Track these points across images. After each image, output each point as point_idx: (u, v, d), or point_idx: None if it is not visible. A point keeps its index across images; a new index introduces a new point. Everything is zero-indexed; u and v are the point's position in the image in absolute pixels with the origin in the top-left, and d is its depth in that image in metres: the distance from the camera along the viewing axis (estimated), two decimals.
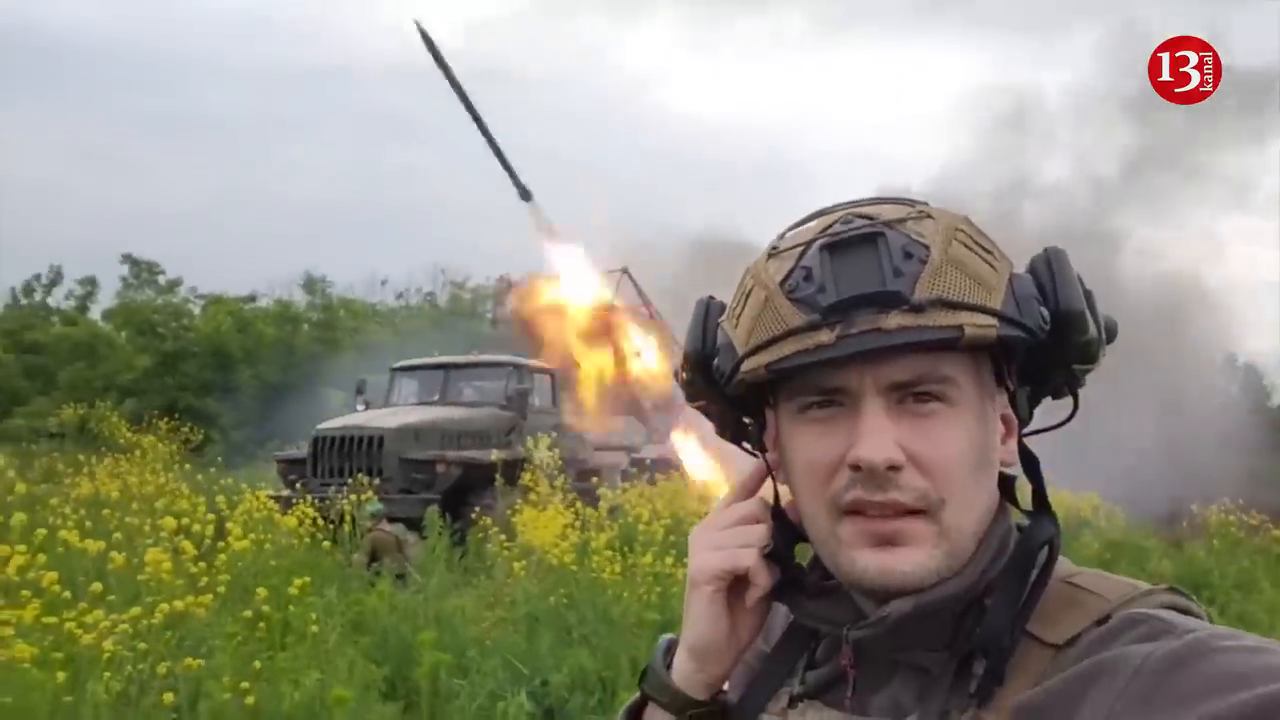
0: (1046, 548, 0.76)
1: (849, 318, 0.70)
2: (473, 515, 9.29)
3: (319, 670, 4.32)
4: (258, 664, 4.28)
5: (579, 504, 8.89)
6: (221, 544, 5.57)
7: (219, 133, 66.19)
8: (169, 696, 3.88)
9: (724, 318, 0.80)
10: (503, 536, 7.41)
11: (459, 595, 6.91)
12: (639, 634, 5.51)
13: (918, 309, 0.69)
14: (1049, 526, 0.76)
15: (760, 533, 0.82)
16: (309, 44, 79.41)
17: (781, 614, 0.89)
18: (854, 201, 0.79)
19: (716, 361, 0.80)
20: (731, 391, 0.80)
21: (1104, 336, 0.77)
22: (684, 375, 0.84)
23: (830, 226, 0.75)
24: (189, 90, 68.14)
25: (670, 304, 17.60)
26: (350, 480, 10.53)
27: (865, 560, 0.73)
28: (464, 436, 11.98)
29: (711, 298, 0.84)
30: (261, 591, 4.79)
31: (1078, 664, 0.66)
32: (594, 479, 11.12)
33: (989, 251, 0.74)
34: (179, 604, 3.99)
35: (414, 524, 9.77)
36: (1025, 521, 0.80)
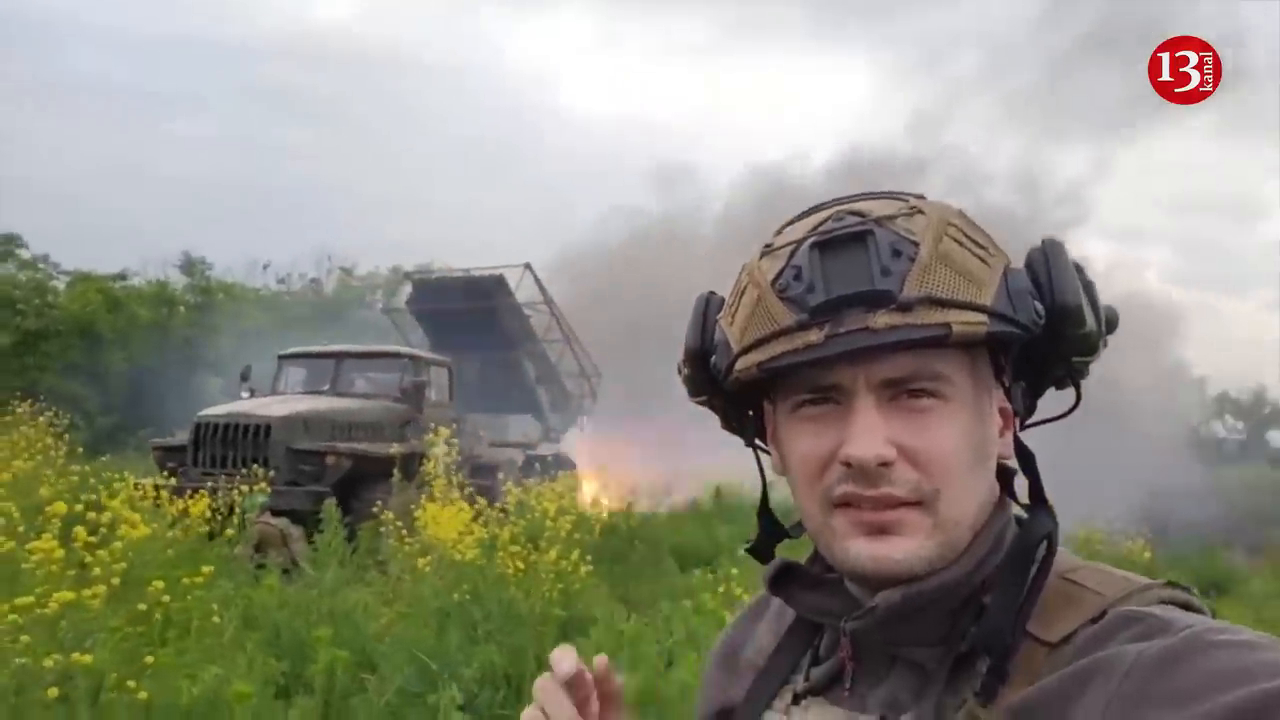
0: (1045, 543, 0.76)
1: (838, 317, 0.71)
2: (374, 509, 9.07)
3: (216, 665, 4.14)
4: (150, 659, 4.07)
5: (479, 500, 8.78)
6: (107, 533, 5.27)
7: (92, 101, 62.54)
8: (53, 691, 3.65)
9: (721, 315, 0.81)
10: (404, 531, 7.24)
11: (353, 591, 6.74)
12: (544, 631, 5.49)
13: (905, 307, 0.70)
14: (1047, 521, 0.76)
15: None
16: (197, 13, 75.81)
17: (789, 613, 0.90)
18: (847, 197, 0.80)
19: (714, 358, 0.81)
20: (729, 388, 0.81)
21: (1104, 328, 0.78)
22: (684, 371, 0.86)
23: (822, 224, 0.75)
24: (59, 54, 64.12)
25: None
26: (233, 470, 10.12)
27: (859, 549, 0.74)
28: (355, 428, 11.64)
29: (712, 293, 0.86)
30: (159, 584, 4.56)
31: (1072, 663, 0.66)
32: (497, 475, 10.99)
33: (982, 246, 0.74)
34: (70, 595, 3.75)
35: (299, 517, 9.47)
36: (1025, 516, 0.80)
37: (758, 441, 0.88)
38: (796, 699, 0.84)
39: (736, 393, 0.82)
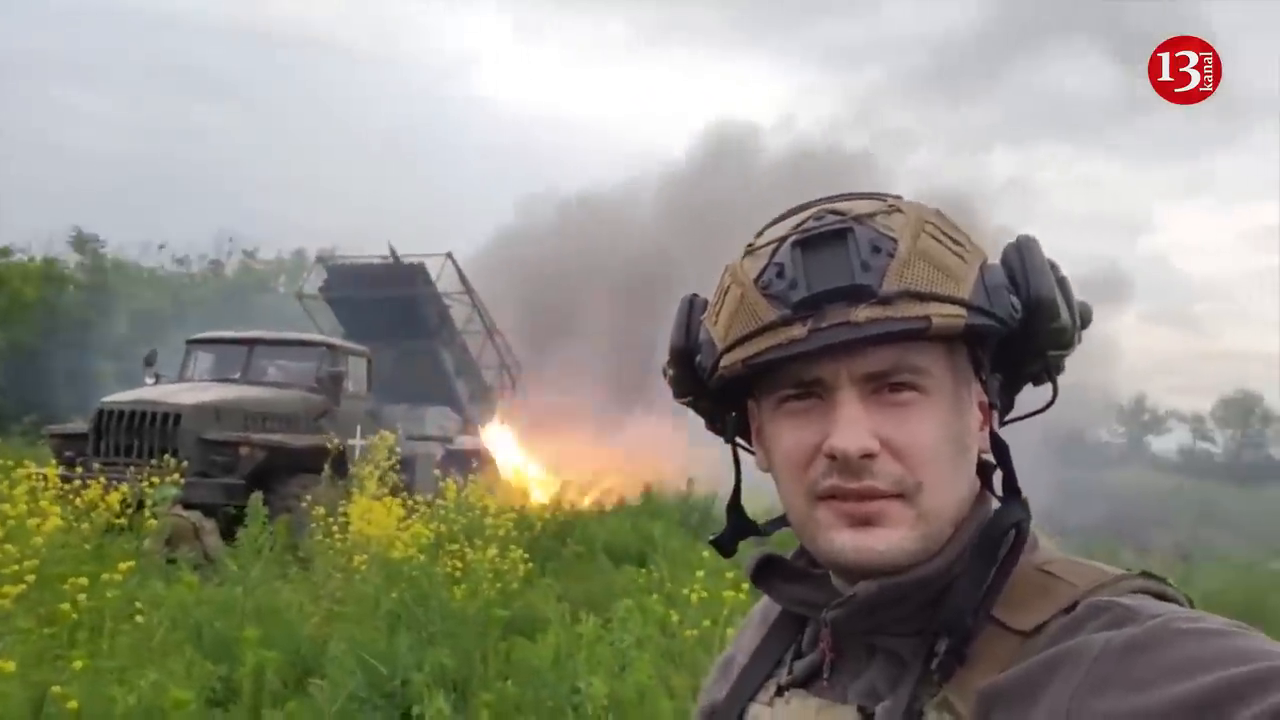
0: (1014, 532, 0.77)
1: (820, 312, 0.73)
2: (289, 503, 8.71)
3: (149, 670, 3.87)
4: (79, 663, 3.79)
5: (406, 496, 8.54)
6: (14, 527, 4.89)
7: None
8: None
9: (705, 315, 0.83)
10: (335, 527, 6.98)
11: (279, 589, 6.46)
12: (488, 631, 5.35)
13: (886, 301, 0.72)
14: (1017, 511, 0.78)
15: None
16: None
17: (774, 613, 0.92)
18: (828, 198, 0.81)
19: (699, 358, 0.83)
20: (714, 386, 0.82)
21: (1078, 322, 0.81)
22: (669, 372, 0.87)
23: (803, 223, 0.77)
24: None
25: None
26: (138, 460, 9.61)
27: (842, 540, 0.75)
28: (269, 419, 11.21)
29: (695, 295, 0.87)
30: (82, 580, 4.25)
31: (1042, 652, 0.68)
32: (414, 468, 10.68)
33: (958, 243, 0.76)
34: None
35: (210, 510, 9.06)
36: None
37: (740, 440, 0.89)
38: (780, 691, 0.85)
39: (721, 391, 0.83)
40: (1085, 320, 0.82)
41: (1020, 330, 0.77)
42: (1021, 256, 0.77)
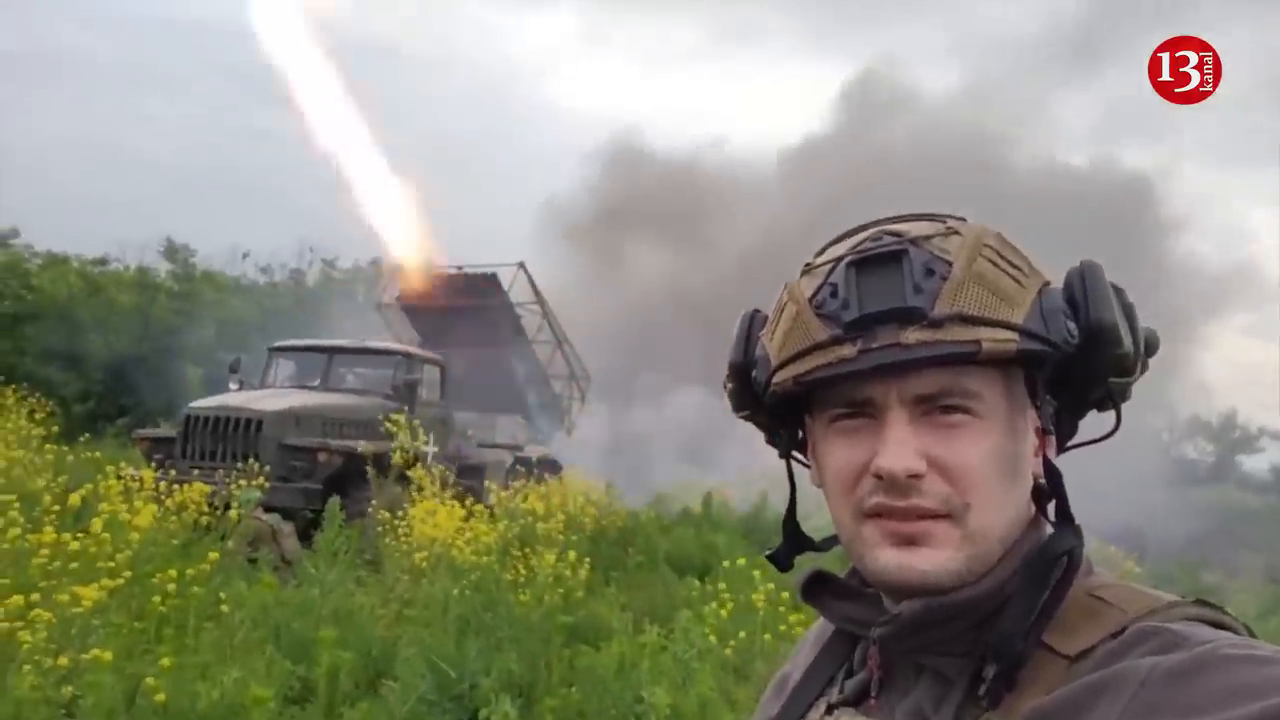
0: (1066, 558, 0.76)
1: (871, 333, 0.74)
2: (364, 508, 8.95)
3: (233, 667, 4.06)
4: (166, 660, 3.98)
5: (469, 501, 8.71)
6: (108, 526, 5.16)
7: (68, 76, 61.41)
8: (67, 690, 3.57)
9: (763, 331, 0.84)
10: (405, 532, 7.17)
11: (352, 591, 6.65)
12: (552, 638, 5.44)
13: (936, 324, 0.72)
14: (1070, 537, 0.77)
15: None
16: None
17: (828, 633, 0.92)
18: (888, 218, 0.82)
19: (755, 372, 0.84)
20: (768, 402, 0.84)
21: (1142, 349, 0.79)
22: (728, 386, 0.89)
23: (860, 244, 0.79)
24: (34, 25, 62.89)
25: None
26: (222, 464, 9.97)
27: (886, 558, 0.76)
28: (346, 425, 11.53)
29: (756, 310, 0.89)
30: (172, 573, 4.46)
31: (1088, 675, 0.67)
32: (484, 475, 10.85)
33: (1016, 267, 0.76)
34: (92, 590, 3.65)
35: (288, 514, 9.34)
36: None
37: (796, 454, 0.90)
38: (830, 710, 0.85)
39: (776, 407, 0.85)
40: (1152, 348, 0.81)
41: (1080, 356, 0.76)
42: (1084, 281, 0.77)
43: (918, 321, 0.73)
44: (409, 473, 9.60)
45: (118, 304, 24.02)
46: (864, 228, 0.82)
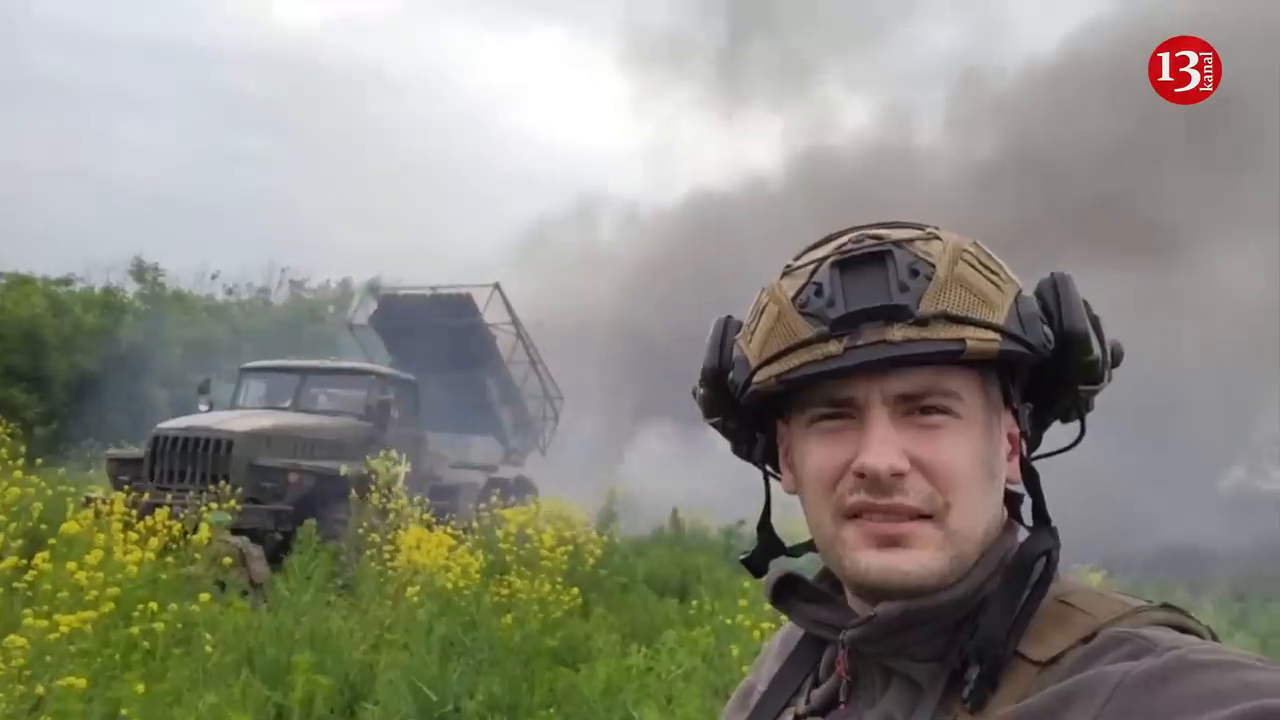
0: (1044, 560, 0.77)
1: (856, 330, 0.74)
2: (335, 529, 8.82)
3: (209, 693, 3.96)
4: (140, 687, 3.88)
5: (451, 524, 8.62)
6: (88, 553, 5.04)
7: (36, 97, 60.75)
8: (44, 719, 3.47)
9: (739, 335, 0.84)
10: (387, 555, 7.07)
11: (326, 614, 6.54)
12: (537, 660, 5.38)
13: (922, 322, 0.73)
14: (1047, 539, 0.78)
15: None
16: (152, 14, 74.09)
17: (794, 641, 0.91)
18: (867, 224, 0.82)
19: (731, 375, 0.83)
20: (745, 404, 0.83)
21: (1109, 359, 0.81)
22: (700, 391, 0.88)
23: (842, 245, 0.79)
24: (2, 50, 62.23)
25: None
26: (191, 485, 9.80)
27: (868, 560, 0.75)
28: (318, 446, 11.38)
29: (729, 316, 0.88)
30: (154, 605, 4.36)
31: (1059, 683, 0.67)
32: (458, 497, 10.74)
33: (994, 272, 0.77)
34: (84, 616, 3.56)
35: (257, 536, 9.18)
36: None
37: (766, 467, 0.90)
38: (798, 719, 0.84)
39: (751, 411, 0.85)
40: (1117, 358, 0.82)
41: (1053, 361, 0.77)
42: (1057, 290, 0.79)
43: (904, 319, 0.73)
44: (390, 495, 9.49)
45: (83, 324, 23.64)
46: (843, 233, 0.82)
